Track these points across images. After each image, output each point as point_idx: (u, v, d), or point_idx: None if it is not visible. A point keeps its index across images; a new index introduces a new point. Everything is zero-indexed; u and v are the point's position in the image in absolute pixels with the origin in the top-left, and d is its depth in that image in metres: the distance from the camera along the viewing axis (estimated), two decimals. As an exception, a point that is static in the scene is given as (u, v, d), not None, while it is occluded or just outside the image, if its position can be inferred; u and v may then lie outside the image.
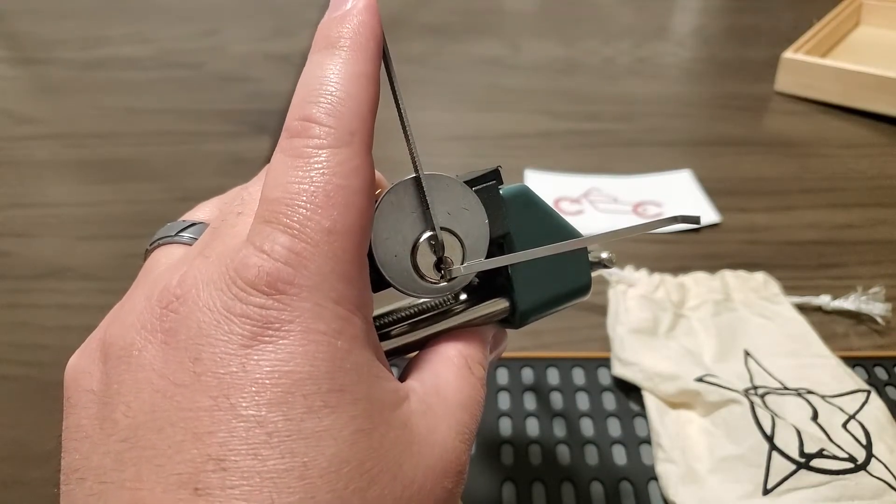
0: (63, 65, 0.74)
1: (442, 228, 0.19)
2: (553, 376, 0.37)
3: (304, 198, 0.16)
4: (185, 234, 0.20)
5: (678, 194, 0.52)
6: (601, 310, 0.40)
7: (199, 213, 0.22)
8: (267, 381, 0.15)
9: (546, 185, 0.54)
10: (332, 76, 0.17)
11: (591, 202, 0.52)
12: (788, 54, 0.65)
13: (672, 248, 0.47)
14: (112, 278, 0.45)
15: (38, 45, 0.80)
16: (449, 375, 0.19)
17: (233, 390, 0.15)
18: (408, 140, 0.19)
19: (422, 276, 0.20)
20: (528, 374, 0.37)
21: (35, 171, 0.57)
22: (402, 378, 0.19)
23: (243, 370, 0.15)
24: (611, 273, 0.40)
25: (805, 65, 0.64)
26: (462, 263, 0.20)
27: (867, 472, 0.29)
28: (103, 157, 0.59)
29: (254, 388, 0.15)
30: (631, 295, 0.39)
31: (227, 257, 0.16)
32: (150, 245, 0.20)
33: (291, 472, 0.14)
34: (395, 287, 0.20)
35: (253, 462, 0.14)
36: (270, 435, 0.14)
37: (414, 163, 0.19)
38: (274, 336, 0.15)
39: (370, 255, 0.18)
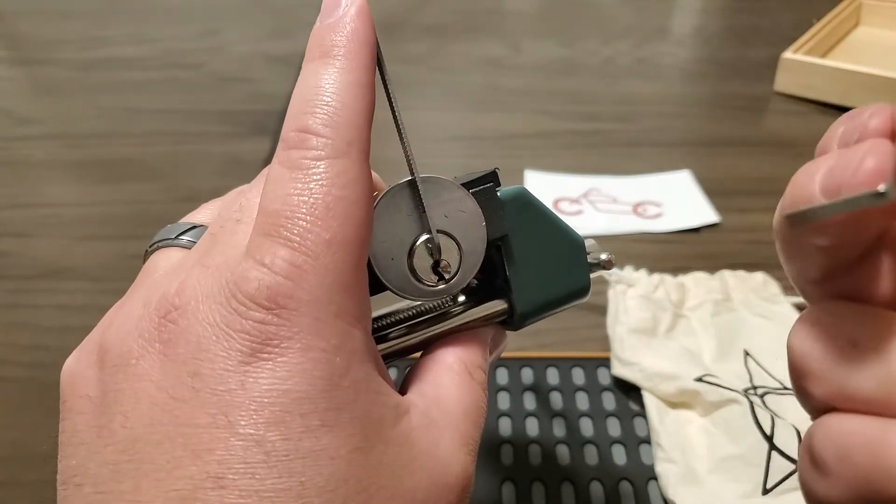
0: (63, 65, 0.74)
1: (438, 231, 0.19)
2: (553, 376, 0.37)
3: (304, 210, 0.16)
4: (185, 238, 0.20)
5: (677, 194, 0.52)
6: (601, 310, 0.40)
7: (200, 215, 0.22)
8: (265, 400, 0.15)
9: (545, 186, 0.54)
10: (327, 86, 0.17)
11: (590, 202, 0.52)
12: (788, 54, 0.65)
13: (671, 248, 0.47)
14: (112, 278, 0.45)
15: (38, 45, 0.80)
16: (450, 384, 0.19)
17: (231, 408, 0.15)
18: (403, 144, 0.19)
19: (419, 279, 0.20)
20: (527, 374, 0.37)
21: (35, 171, 0.57)
22: (402, 390, 0.19)
23: (242, 388, 0.15)
24: (610, 273, 0.40)
25: (805, 65, 0.63)
26: (459, 266, 0.20)
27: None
28: (103, 157, 0.59)
29: (252, 407, 0.15)
30: (630, 295, 0.39)
31: (226, 269, 0.16)
32: (150, 247, 0.20)
33: (289, 492, 0.14)
34: (392, 290, 0.19)
35: (251, 481, 0.14)
36: (268, 454, 0.14)
37: (409, 166, 0.19)
38: (273, 353, 0.15)
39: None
